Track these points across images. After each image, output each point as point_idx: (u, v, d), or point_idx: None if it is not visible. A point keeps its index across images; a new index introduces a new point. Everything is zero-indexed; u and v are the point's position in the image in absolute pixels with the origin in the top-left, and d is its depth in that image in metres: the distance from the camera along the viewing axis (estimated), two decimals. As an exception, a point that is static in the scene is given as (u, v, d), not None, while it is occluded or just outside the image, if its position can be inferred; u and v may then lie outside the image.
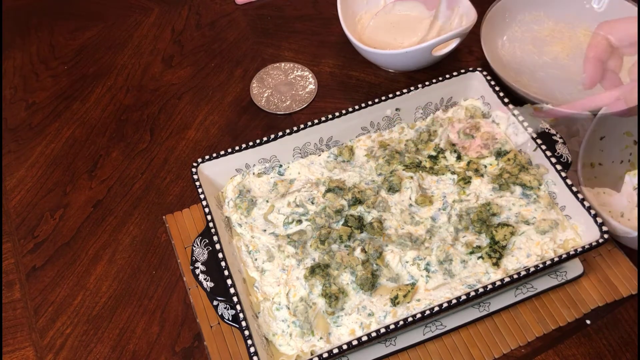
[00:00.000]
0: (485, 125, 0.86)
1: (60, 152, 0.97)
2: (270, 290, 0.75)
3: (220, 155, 0.81)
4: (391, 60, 0.98)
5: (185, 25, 1.13)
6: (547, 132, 0.81)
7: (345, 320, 0.72)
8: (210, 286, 0.73)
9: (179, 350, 0.78)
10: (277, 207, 0.81)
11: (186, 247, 0.84)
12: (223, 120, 0.99)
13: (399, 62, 0.97)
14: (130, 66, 1.07)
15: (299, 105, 0.99)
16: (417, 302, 0.72)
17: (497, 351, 0.74)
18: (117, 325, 0.80)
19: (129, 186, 0.92)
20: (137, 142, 0.97)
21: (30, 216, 0.90)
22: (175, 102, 1.02)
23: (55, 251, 0.87)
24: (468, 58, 1.02)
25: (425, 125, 0.88)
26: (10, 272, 0.86)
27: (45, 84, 1.06)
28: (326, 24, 1.10)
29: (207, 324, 0.78)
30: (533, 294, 0.76)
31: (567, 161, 0.78)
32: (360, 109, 0.84)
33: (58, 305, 0.82)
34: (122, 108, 1.02)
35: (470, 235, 0.77)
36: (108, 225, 0.89)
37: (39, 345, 0.79)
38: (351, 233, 0.77)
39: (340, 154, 0.86)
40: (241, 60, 1.07)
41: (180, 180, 0.92)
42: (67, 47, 1.11)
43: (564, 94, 0.95)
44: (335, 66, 1.04)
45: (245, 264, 0.77)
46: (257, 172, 0.84)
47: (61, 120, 1.01)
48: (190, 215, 0.87)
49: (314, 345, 0.71)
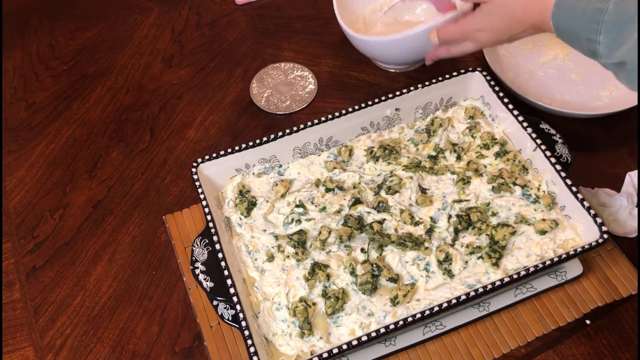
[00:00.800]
0: (485, 125, 0.86)
1: (60, 152, 0.97)
2: (270, 290, 0.75)
3: (220, 156, 0.81)
4: (388, 49, 0.94)
5: (185, 25, 1.13)
6: (547, 132, 0.81)
7: (345, 320, 0.72)
8: (210, 286, 0.73)
9: (179, 350, 0.78)
10: (277, 207, 0.81)
11: (186, 247, 0.84)
12: (223, 120, 0.99)
13: (397, 51, 0.94)
14: (130, 66, 1.07)
15: (299, 105, 0.99)
16: (417, 302, 0.72)
17: (496, 351, 0.74)
18: (117, 326, 0.80)
19: (129, 186, 0.92)
20: (137, 142, 0.97)
21: (30, 216, 0.90)
22: (175, 102, 1.02)
23: (55, 251, 0.87)
24: (468, 58, 1.02)
25: (425, 125, 0.88)
26: (10, 272, 0.86)
27: (45, 84, 1.06)
28: (326, 24, 1.10)
29: (207, 324, 0.78)
30: (533, 294, 0.76)
31: (567, 161, 0.78)
32: (360, 109, 0.84)
33: (58, 306, 0.82)
34: (122, 108, 1.02)
35: (470, 235, 0.77)
36: (108, 225, 0.89)
37: (38, 346, 0.79)
38: (351, 233, 0.77)
39: (340, 154, 0.86)
40: (241, 60, 1.07)
41: (180, 180, 0.92)
42: (67, 47, 1.11)
43: (564, 94, 0.95)
44: (335, 66, 1.04)
45: (245, 264, 0.77)
46: (257, 172, 0.84)
47: (61, 120, 1.01)
48: (190, 215, 0.87)
49: (314, 345, 0.71)
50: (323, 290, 0.74)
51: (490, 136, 0.84)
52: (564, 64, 0.98)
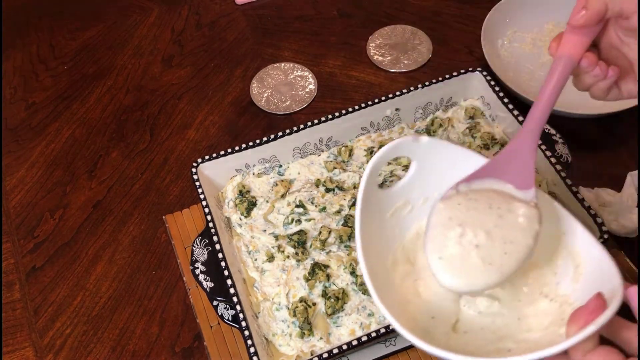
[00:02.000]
0: (485, 126, 0.86)
1: (60, 152, 0.97)
2: (270, 290, 0.75)
3: (220, 156, 0.81)
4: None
5: (185, 25, 1.13)
6: (547, 132, 0.81)
7: (345, 320, 0.72)
8: (210, 286, 0.73)
9: (179, 351, 0.78)
10: (277, 207, 0.81)
11: (186, 247, 0.84)
12: (223, 120, 0.99)
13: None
14: (130, 66, 1.07)
15: (299, 106, 0.99)
16: (417, 302, 0.72)
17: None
18: (117, 326, 0.80)
19: (128, 186, 0.92)
20: (137, 142, 0.97)
21: (30, 216, 0.90)
22: (175, 102, 1.02)
23: (55, 251, 0.87)
24: (468, 58, 1.02)
25: (425, 125, 0.88)
26: (10, 272, 0.86)
27: (45, 84, 1.06)
28: (326, 24, 1.10)
29: (207, 324, 0.78)
30: (533, 294, 0.75)
31: (567, 161, 0.78)
32: (360, 109, 0.83)
33: (58, 306, 0.82)
34: (122, 108, 1.02)
35: (470, 235, 0.77)
36: (108, 225, 0.89)
37: (38, 346, 0.79)
38: (351, 233, 0.77)
39: (340, 154, 0.86)
40: (241, 60, 1.07)
41: (180, 181, 0.92)
42: (67, 47, 1.11)
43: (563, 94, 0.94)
44: (335, 66, 1.04)
45: (245, 264, 0.77)
46: (257, 172, 0.84)
47: (61, 120, 1.01)
48: (190, 215, 0.87)
49: (314, 345, 0.71)
50: (323, 290, 0.74)
51: (490, 136, 0.84)
52: (564, 64, 0.98)
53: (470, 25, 1.06)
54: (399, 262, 0.60)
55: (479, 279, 0.52)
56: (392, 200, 0.61)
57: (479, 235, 0.53)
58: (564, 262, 0.56)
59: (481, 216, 0.54)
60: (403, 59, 1.03)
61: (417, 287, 0.58)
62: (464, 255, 0.52)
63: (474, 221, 0.54)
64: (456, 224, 0.54)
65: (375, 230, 0.58)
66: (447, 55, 1.03)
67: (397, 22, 1.09)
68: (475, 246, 0.53)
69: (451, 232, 0.54)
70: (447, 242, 0.53)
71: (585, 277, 0.53)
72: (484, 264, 0.52)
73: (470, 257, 0.52)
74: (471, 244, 0.53)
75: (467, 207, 0.55)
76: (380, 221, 0.60)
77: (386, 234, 0.60)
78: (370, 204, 0.58)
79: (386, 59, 1.04)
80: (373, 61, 1.04)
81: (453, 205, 0.55)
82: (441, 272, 0.53)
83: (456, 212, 0.55)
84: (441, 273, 0.53)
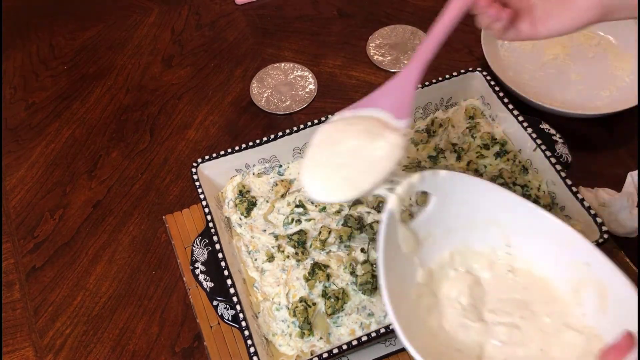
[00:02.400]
0: (485, 126, 0.86)
1: (60, 152, 0.97)
2: (270, 290, 0.75)
3: (220, 156, 0.81)
4: None
5: (185, 25, 1.13)
6: (547, 132, 0.81)
7: (345, 320, 0.72)
8: (210, 286, 0.73)
9: (179, 350, 0.78)
10: (277, 207, 0.81)
11: (186, 247, 0.84)
12: (223, 120, 0.99)
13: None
14: (130, 66, 1.07)
15: (299, 105, 0.99)
16: (417, 302, 0.72)
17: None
18: (117, 326, 0.80)
19: (128, 186, 0.92)
20: (137, 142, 0.97)
21: (30, 216, 0.90)
22: (175, 102, 1.02)
23: (55, 251, 0.87)
24: (468, 58, 1.02)
25: (425, 125, 0.88)
26: (10, 272, 0.86)
27: (45, 84, 1.06)
28: (326, 24, 1.10)
29: (207, 324, 0.78)
30: (533, 294, 0.76)
31: (567, 161, 0.78)
32: (360, 109, 0.83)
33: (58, 306, 0.82)
34: (122, 108, 1.02)
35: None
36: (108, 225, 0.89)
37: (38, 346, 0.79)
38: (351, 233, 0.77)
39: (340, 154, 0.86)
40: (241, 60, 1.07)
41: (180, 181, 0.92)
42: (67, 47, 1.11)
43: (564, 94, 0.95)
44: (335, 66, 1.04)
45: (245, 264, 0.77)
46: (257, 172, 0.84)
47: (61, 120, 1.01)
48: (190, 215, 0.87)
49: (314, 345, 0.71)
50: (323, 290, 0.74)
51: (490, 136, 0.84)
52: (564, 64, 0.98)
53: (470, 25, 1.06)
54: (424, 295, 0.62)
55: (338, 193, 0.60)
56: (413, 234, 0.63)
57: (345, 155, 0.60)
58: (588, 294, 0.57)
59: (353, 139, 0.61)
60: (403, 59, 1.03)
61: (441, 320, 0.60)
62: (330, 171, 0.60)
63: (345, 142, 0.61)
64: (329, 143, 0.62)
65: (398, 266, 0.60)
66: (447, 55, 1.03)
67: (397, 22, 1.09)
68: (340, 164, 0.60)
69: (324, 150, 0.61)
70: (319, 158, 0.61)
71: (612, 308, 0.54)
72: (344, 180, 0.59)
73: (335, 173, 0.60)
74: (336, 162, 0.60)
75: (344, 130, 0.62)
76: (402, 255, 0.62)
77: (410, 269, 0.62)
78: (392, 243, 0.60)
79: (386, 59, 1.04)
80: (373, 61, 1.04)
81: (334, 128, 0.63)
82: (309, 185, 0.60)
83: (334, 134, 0.62)
84: (309, 186, 0.60)
